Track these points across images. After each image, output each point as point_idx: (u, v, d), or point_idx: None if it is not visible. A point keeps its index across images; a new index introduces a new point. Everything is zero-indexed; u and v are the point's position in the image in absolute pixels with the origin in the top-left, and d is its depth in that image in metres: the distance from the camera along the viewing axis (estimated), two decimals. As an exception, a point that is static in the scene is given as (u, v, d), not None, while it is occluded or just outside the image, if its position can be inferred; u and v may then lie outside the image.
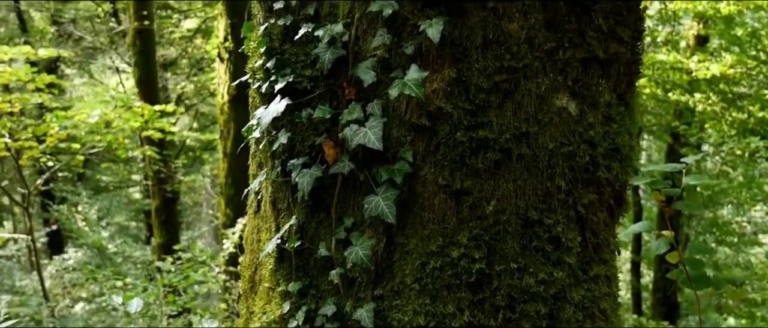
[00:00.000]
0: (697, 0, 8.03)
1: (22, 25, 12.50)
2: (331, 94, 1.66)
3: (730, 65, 8.66)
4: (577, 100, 1.64)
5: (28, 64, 9.08)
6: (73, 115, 8.23)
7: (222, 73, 8.13)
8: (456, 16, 1.55)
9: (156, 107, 8.60)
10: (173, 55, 11.97)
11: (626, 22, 1.67)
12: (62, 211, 10.71)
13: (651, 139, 12.50)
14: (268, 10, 1.75)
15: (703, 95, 9.35)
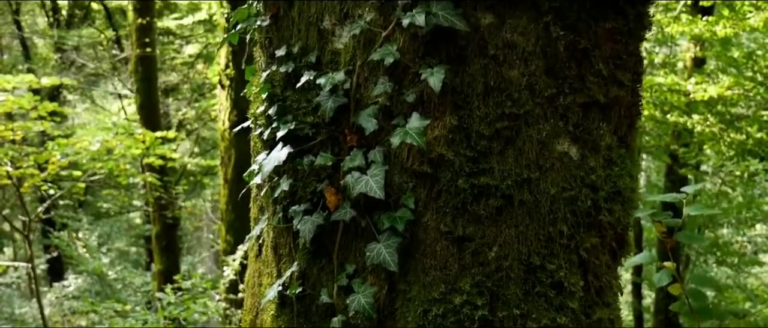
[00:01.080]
0: (693, 23, 8.06)
1: (25, 52, 12.57)
2: (332, 141, 1.67)
3: (727, 87, 8.70)
4: (578, 144, 1.65)
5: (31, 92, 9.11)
6: (75, 142, 8.25)
7: (223, 99, 8.16)
8: (457, 63, 1.56)
9: (157, 134, 8.63)
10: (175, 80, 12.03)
11: (626, 65, 1.68)
12: (63, 237, 10.69)
13: (650, 160, 12.51)
14: (269, 57, 1.76)
15: (701, 117, 9.37)
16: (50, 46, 12.87)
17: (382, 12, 1.58)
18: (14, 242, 12.84)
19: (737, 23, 7.86)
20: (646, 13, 1.71)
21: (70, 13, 12.84)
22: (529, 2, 1.54)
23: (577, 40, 1.59)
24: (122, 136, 8.57)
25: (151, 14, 9.76)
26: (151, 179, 8.84)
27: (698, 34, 8.47)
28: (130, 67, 10.14)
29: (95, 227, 12.46)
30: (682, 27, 8.16)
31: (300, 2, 1.68)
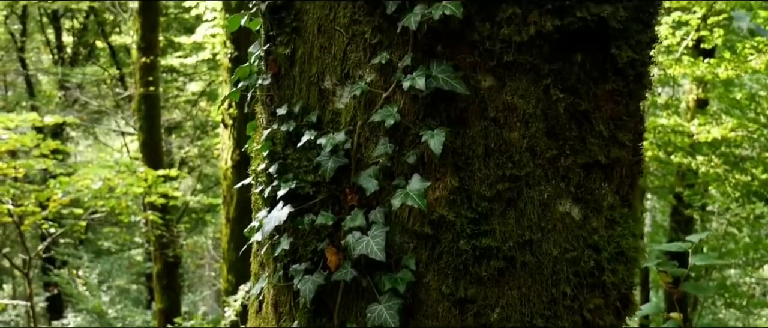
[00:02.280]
0: (695, 65, 8.11)
1: (29, 89, 12.69)
2: (333, 200, 1.66)
3: (731, 128, 8.70)
4: (580, 205, 1.64)
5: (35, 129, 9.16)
6: (77, 180, 8.26)
7: (226, 138, 8.18)
8: (457, 125, 1.56)
9: (159, 172, 8.64)
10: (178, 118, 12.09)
11: (627, 126, 1.68)
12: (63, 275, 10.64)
13: (654, 200, 12.47)
14: (271, 115, 1.76)
15: (705, 158, 9.37)
16: (54, 83, 12.99)
17: (382, 73, 1.58)
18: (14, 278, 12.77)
19: (739, 65, 7.90)
20: (646, 74, 1.71)
21: (74, 50, 12.98)
22: (528, 65, 1.54)
23: (577, 101, 1.59)
24: (124, 175, 8.58)
25: (155, 53, 9.85)
26: (152, 218, 8.82)
27: (700, 76, 8.52)
28: (133, 106, 10.21)
29: (96, 265, 12.40)
30: (684, 69, 8.20)
31: (301, 62, 1.69)
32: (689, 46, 8.67)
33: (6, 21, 12.54)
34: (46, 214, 8.13)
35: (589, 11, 1.54)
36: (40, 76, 13.26)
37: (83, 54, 13.00)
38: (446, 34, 1.54)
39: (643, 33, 1.66)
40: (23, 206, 8.02)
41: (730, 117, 9.25)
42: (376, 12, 1.56)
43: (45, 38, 13.03)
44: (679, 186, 10.63)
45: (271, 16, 1.71)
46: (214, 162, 12.54)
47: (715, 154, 9.51)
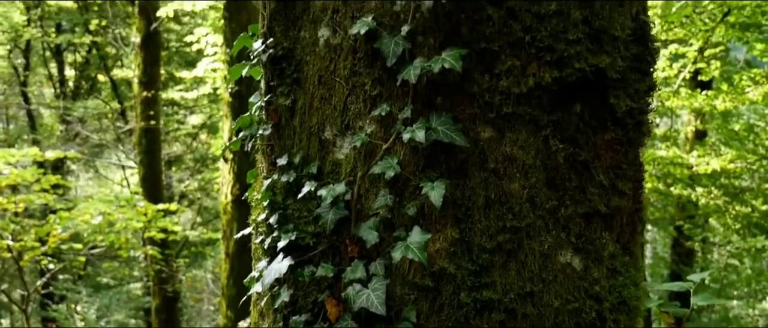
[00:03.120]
0: (693, 97, 8.15)
1: (31, 122, 12.74)
2: (333, 251, 1.66)
3: (730, 160, 8.71)
4: (581, 255, 1.63)
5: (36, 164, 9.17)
6: (77, 215, 8.24)
7: (226, 173, 8.19)
8: (457, 176, 1.56)
9: (159, 206, 8.63)
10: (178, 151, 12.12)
11: (627, 175, 1.68)
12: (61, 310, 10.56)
13: (655, 231, 12.43)
14: (271, 164, 1.77)
15: (705, 189, 9.36)
16: (56, 116, 13.04)
17: (382, 124, 1.59)
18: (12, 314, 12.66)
19: (737, 97, 7.93)
20: (645, 121, 1.72)
21: (76, 84, 13.07)
22: (527, 116, 1.55)
23: (576, 152, 1.59)
24: (124, 209, 8.57)
25: (157, 87, 9.92)
26: (152, 253, 8.79)
27: (698, 108, 8.55)
28: (134, 140, 10.24)
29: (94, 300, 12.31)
30: (681, 101, 8.24)
31: (301, 112, 1.69)
32: (687, 78, 8.72)
33: (9, 55, 12.65)
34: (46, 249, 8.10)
35: (588, 62, 1.56)
36: (41, 109, 13.32)
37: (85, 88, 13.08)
38: (446, 86, 1.55)
39: (641, 82, 1.67)
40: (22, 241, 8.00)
41: (729, 148, 9.27)
42: (376, 64, 1.58)
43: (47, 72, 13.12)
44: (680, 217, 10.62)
45: (272, 67, 1.72)
46: (214, 195, 12.53)
47: (714, 186, 9.51)
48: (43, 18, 12.14)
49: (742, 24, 6.90)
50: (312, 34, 1.66)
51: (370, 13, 1.57)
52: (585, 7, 1.55)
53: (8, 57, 12.44)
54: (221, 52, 8.12)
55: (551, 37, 1.52)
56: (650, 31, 1.71)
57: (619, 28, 1.60)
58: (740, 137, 9.15)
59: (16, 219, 8.44)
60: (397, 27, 1.55)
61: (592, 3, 1.56)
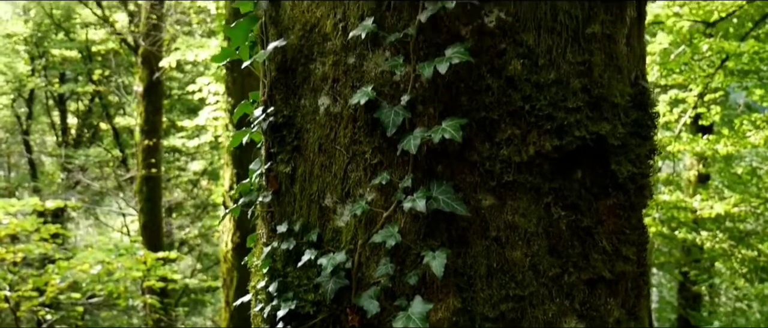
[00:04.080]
0: (694, 141, 8.17)
1: (32, 170, 12.77)
2: (334, 320, 1.63)
3: (733, 204, 8.69)
4: (586, 321, 1.60)
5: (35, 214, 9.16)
6: (75, 265, 8.20)
7: (226, 221, 8.16)
8: (459, 245, 1.54)
9: (159, 255, 8.58)
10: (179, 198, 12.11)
11: (630, 239, 1.66)
12: (59, 361, 10.39)
13: (661, 275, 12.32)
14: (271, 231, 1.75)
15: (709, 233, 9.31)
16: (57, 164, 13.08)
17: (383, 193, 1.58)
18: (9, 364, 12.48)
19: (738, 141, 7.95)
20: (647, 185, 1.71)
21: (78, 132, 13.13)
22: (529, 184, 1.54)
23: (579, 218, 1.58)
24: (123, 258, 8.52)
25: (158, 135, 9.96)
26: (151, 302, 8.71)
27: (700, 152, 8.57)
28: (135, 187, 10.25)
29: (93, 349, 12.14)
30: (683, 145, 8.26)
31: (302, 179, 1.69)
32: (687, 123, 8.75)
33: (13, 104, 12.75)
34: (43, 299, 8.03)
35: (588, 130, 1.56)
36: (43, 157, 13.36)
37: (87, 136, 13.14)
38: (446, 155, 1.54)
39: (642, 146, 1.67)
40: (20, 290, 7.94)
41: (733, 192, 9.25)
42: (376, 133, 1.58)
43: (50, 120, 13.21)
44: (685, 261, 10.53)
45: (273, 134, 1.72)
46: (214, 241, 12.47)
47: (719, 230, 9.46)
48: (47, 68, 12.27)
49: (741, 70, 6.95)
50: (312, 103, 1.67)
51: (370, 82, 1.58)
52: (584, 76, 1.56)
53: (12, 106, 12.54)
54: (223, 101, 8.18)
55: (551, 105, 1.53)
56: (650, 95, 1.71)
57: (619, 94, 1.61)
58: (743, 181, 9.14)
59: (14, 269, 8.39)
60: (397, 96, 1.56)
61: (591, 71, 1.57)
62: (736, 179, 9.21)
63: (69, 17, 12.24)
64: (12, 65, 11.90)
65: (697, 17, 7.00)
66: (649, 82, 1.75)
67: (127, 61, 12.17)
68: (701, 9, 6.93)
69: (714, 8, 6.94)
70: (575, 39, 1.57)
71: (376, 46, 1.59)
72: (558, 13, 1.56)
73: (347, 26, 1.61)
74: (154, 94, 9.74)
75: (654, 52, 7.38)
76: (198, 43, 8.73)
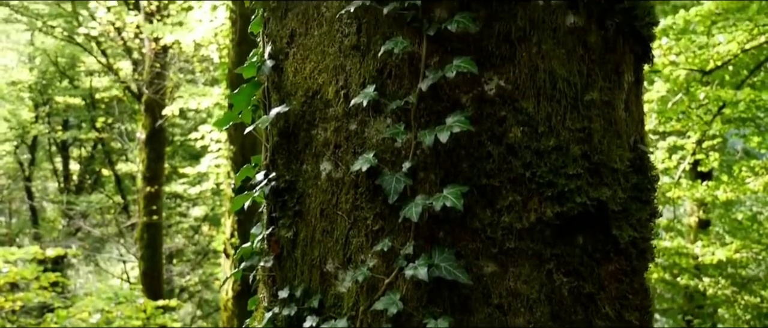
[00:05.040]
0: (694, 188, 8.18)
1: (33, 217, 12.76)
2: (335, 387, 1.61)
3: (735, 250, 8.65)
4: (590, 389, 1.59)
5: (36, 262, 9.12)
6: (75, 313, 8.13)
7: (227, 268, 8.13)
8: (461, 312, 1.54)
9: (159, 303, 8.52)
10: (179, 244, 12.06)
11: (632, 304, 1.66)
12: None
13: (664, 321, 12.17)
14: (272, 296, 1.75)
15: (712, 280, 9.25)
16: (58, 210, 13.07)
17: (384, 259, 1.58)
18: None
19: (738, 188, 7.96)
20: (648, 249, 1.71)
21: (80, 178, 13.17)
22: (530, 251, 1.54)
23: (581, 284, 1.58)
24: (123, 306, 8.46)
25: (160, 182, 9.99)
26: (150, 351, 8.59)
27: (700, 198, 8.57)
28: (135, 234, 10.22)
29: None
30: (683, 192, 8.27)
31: (303, 244, 1.69)
32: (686, 169, 8.78)
33: (16, 151, 12.80)
34: (41, 350, 7.94)
35: (588, 196, 1.57)
36: (45, 203, 13.37)
37: (89, 182, 13.17)
38: (448, 221, 1.55)
39: (642, 210, 1.68)
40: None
41: (734, 238, 9.22)
42: (378, 199, 1.59)
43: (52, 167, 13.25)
44: (688, 308, 10.43)
45: (275, 199, 1.73)
46: (215, 288, 12.38)
47: (721, 276, 9.40)
48: (50, 114, 12.38)
49: (739, 118, 7.00)
50: (314, 168, 1.68)
51: (372, 149, 1.59)
52: (584, 142, 1.58)
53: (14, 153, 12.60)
54: (225, 148, 8.22)
55: (551, 172, 1.54)
56: (649, 159, 1.73)
57: (618, 160, 1.62)
58: (744, 227, 9.12)
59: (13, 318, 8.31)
60: (399, 163, 1.57)
61: (590, 138, 1.59)
62: (737, 224, 9.19)
63: (74, 65, 12.40)
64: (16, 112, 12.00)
65: (694, 66, 7.09)
66: (648, 137, 1.77)
67: (130, 109, 12.27)
68: (697, 58, 7.02)
69: (709, 57, 7.03)
70: (574, 106, 1.59)
71: (378, 113, 1.61)
72: (557, 80, 1.59)
73: (349, 93, 1.64)
74: (156, 142, 9.80)
75: (652, 100, 7.45)
76: (200, 91, 8.83)
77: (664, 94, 7.49)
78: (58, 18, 12.05)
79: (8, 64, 13.47)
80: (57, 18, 12.06)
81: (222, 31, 8.37)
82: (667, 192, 8.19)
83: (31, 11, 12.11)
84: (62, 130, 12.58)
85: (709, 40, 7.04)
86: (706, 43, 7.00)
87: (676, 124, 7.72)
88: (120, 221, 12.18)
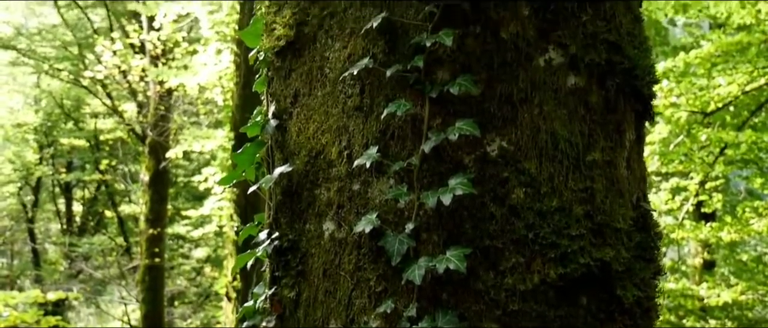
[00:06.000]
0: (698, 229, 8.14)
1: (35, 258, 12.72)
2: None
3: (740, 292, 8.57)
4: None
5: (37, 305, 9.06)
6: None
7: (229, 312, 8.06)
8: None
9: (160, 348, 8.43)
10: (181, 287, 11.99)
11: (639, 365, 1.64)
12: None
13: (673, 364, 11.98)
14: (275, 356, 1.73)
15: (718, 322, 9.15)
16: (61, 252, 13.04)
17: (387, 320, 1.57)
18: None
19: (742, 229, 7.92)
20: (653, 308, 1.70)
21: (83, 220, 13.16)
22: (534, 312, 1.54)
23: (586, 346, 1.56)
24: (124, 351, 8.38)
25: (163, 224, 9.98)
26: (150, 397, 8.48)
27: (704, 240, 8.53)
28: (137, 277, 10.18)
29: None
30: (687, 233, 8.22)
31: (306, 305, 1.68)
32: (690, 210, 8.75)
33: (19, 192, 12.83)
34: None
35: (592, 257, 1.56)
36: (47, 245, 13.34)
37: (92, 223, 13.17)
38: (451, 283, 1.54)
39: (646, 269, 1.67)
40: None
41: (739, 279, 9.14)
42: (381, 260, 1.58)
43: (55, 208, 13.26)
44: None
45: (278, 258, 1.73)
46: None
47: (727, 318, 9.29)
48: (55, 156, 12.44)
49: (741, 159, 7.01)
50: (317, 228, 1.68)
51: (375, 209, 1.60)
52: (586, 202, 1.58)
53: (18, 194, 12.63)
54: (228, 191, 8.23)
55: (554, 233, 1.54)
56: (652, 217, 1.73)
57: (621, 219, 1.63)
58: (750, 268, 9.05)
59: (12, 363, 8.22)
60: (402, 224, 1.57)
61: (593, 198, 1.59)
62: (742, 266, 9.13)
63: (79, 107, 12.50)
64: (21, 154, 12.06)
65: (695, 107, 7.13)
66: (651, 179, 1.77)
67: (134, 150, 12.33)
68: (698, 99, 7.06)
69: (710, 99, 7.07)
70: (576, 166, 1.60)
71: (381, 174, 1.62)
72: (559, 141, 1.60)
73: (352, 154, 1.65)
74: (159, 184, 9.82)
75: (653, 142, 7.47)
76: (204, 133, 8.88)
77: (666, 136, 7.51)
78: (65, 61, 12.20)
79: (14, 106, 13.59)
80: (63, 61, 12.21)
81: (226, 75, 8.46)
82: (671, 233, 8.15)
83: (39, 54, 12.27)
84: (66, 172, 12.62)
85: (709, 82, 7.09)
86: (706, 85, 7.05)
87: (679, 165, 7.73)
88: (122, 263, 12.14)
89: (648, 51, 1.79)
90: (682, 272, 9.68)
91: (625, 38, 1.71)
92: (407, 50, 1.61)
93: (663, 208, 8.67)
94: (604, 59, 1.66)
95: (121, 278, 11.96)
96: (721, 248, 9.50)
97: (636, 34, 1.76)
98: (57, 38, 12.31)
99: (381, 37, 1.64)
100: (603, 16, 1.68)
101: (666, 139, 7.55)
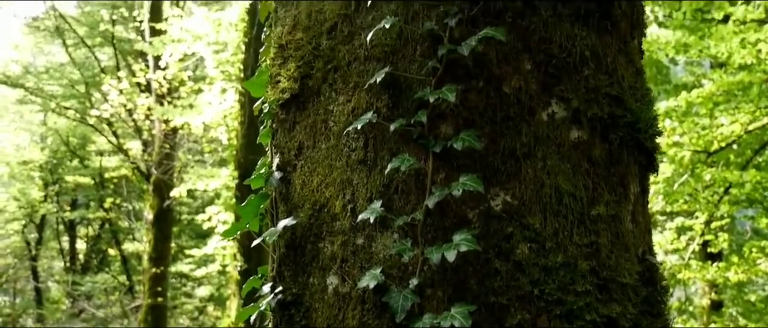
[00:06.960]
0: (704, 269, 8.06)
1: (38, 297, 12.65)
2: None
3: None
4: None
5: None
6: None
7: (231, 354, 7.97)
8: None
9: (161, 388, 8.32)
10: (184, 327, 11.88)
11: None
12: None
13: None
14: None
15: (730, 363, 9.00)
16: (63, 290, 12.97)
17: (392, 377, 1.55)
18: None
19: (749, 269, 7.85)
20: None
21: (86, 257, 13.13)
22: (540, 365, 1.51)
23: (594, 404, 1.54)
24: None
25: (166, 263, 9.94)
26: None
27: (711, 280, 8.44)
28: (140, 316, 10.10)
29: None
30: (693, 273, 8.15)
31: (310, 360, 1.66)
32: (696, 250, 8.68)
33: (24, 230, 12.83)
34: None
35: (598, 313, 1.55)
36: (49, 283, 13.28)
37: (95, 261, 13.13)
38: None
39: (653, 324, 1.65)
40: None
41: (747, 320, 9.02)
42: (385, 315, 1.57)
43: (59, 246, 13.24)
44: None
45: (281, 312, 1.72)
46: (219, 371, 12.10)
47: (739, 359, 9.15)
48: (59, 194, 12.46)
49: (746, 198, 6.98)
50: (321, 281, 1.67)
51: (379, 264, 1.59)
52: (591, 258, 1.57)
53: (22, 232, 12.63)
54: (231, 230, 8.20)
55: (560, 289, 1.53)
56: (658, 270, 1.72)
57: (627, 274, 1.61)
58: (758, 309, 8.93)
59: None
60: (406, 279, 1.56)
61: (598, 253, 1.58)
62: (751, 306, 9.01)
63: (84, 145, 12.57)
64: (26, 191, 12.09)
65: (698, 147, 7.12)
66: (656, 218, 1.76)
67: (139, 188, 12.36)
68: (701, 139, 7.06)
69: (713, 138, 7.07)
70: (581, 221, 1.60)
71: (385, 229, 1.61)
72: (563, 195, 1.60)
73: (356, 208, 1.65)
74: (163, 222, 9.81)
75: (658, 181, 7.45)
76: (209, 172, 8.90)
77: (670, 175, 7.49)
78: (72, 99, 12.31)
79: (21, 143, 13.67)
80: (70, 99, 12.33)
81: (231, 114, 8.52)
82: (677, 273, 8.08)
83: (46, 92, 12.39)
84: (70, 210, 12.63)
85: (712, 121, 7.10)
86: (709, 125, 7.06)
87: (684, 204, 7.69)
88: (124, 303, 12.06)
89: (650, 104, 1.79)
90: (690, 313, 9.56)
91: (628, 91, 1.72)
92: (410, 105, 1.62)
93: (669, 247, 8.61)
94: (607, 113, 1.67)
95: (123, 318, 11.88)
96: (728, 289, 9.40)
97: (638, 87, 1.77)
98: (64, 77, 12.45)
99: (384, 91, 1.66)
100: (605, 70, 1.70)
101: (670, 178, 7.53)
